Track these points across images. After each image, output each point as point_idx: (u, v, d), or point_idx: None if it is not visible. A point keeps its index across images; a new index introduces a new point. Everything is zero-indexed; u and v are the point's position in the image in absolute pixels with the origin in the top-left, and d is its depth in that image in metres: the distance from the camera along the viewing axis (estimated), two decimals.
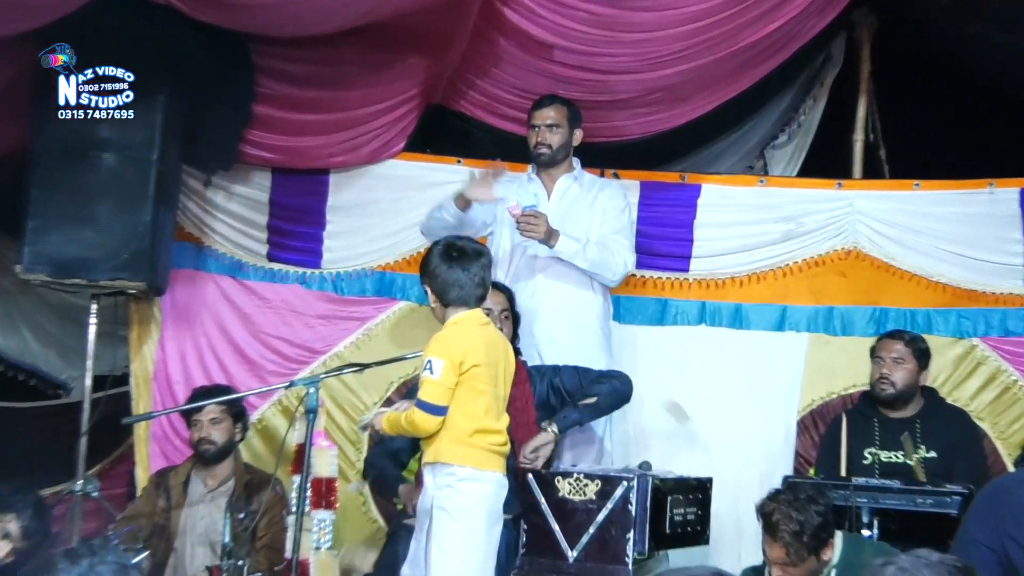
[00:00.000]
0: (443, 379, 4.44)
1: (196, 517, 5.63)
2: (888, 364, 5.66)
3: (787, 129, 6.99)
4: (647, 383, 6.25)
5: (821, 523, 4.48)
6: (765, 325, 6.31)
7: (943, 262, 6.20)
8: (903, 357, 5.66)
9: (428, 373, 4.46)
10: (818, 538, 4.48)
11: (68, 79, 5.52)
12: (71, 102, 5.54)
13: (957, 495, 4.98)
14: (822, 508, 4.50)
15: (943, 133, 6.78)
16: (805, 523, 4.45)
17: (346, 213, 6.48)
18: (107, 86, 5.57)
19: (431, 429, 4.46)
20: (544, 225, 5.61)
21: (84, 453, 5.84)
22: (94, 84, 5.56)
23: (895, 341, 5.71)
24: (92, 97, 5.56)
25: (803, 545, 4.46)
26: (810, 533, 4.46)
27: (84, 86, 5.52)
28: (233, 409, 5.71)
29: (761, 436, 6.17)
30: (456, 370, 4.45)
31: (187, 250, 6.43)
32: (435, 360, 4.45)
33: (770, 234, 6.34)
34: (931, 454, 5.57)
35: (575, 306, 5.84)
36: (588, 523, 4.82)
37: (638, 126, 6.51)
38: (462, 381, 4.48)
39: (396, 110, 6.29)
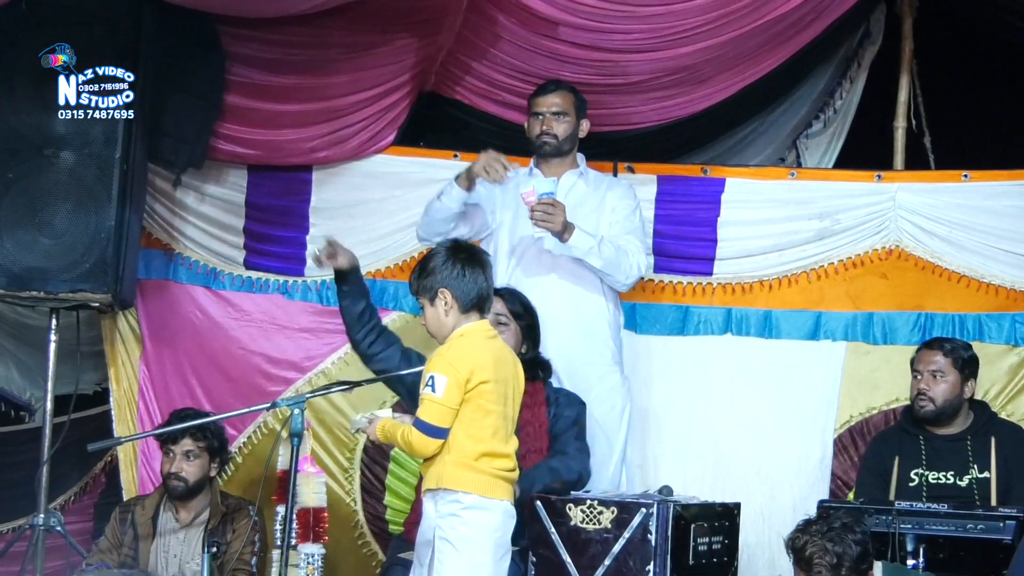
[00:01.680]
0: (446, 398, 4.45)
1: (169, 553, 5.67)
2: (926, 378, 5.65)
3: (822, 115, 6.97)
4: (667, 399, 6.33)
5: (860, 553, 4.49)
6: (798, 334, 6.32)
7: (995, 261, 6.21)
8: (942, 369, 5.63)
9: (429, 391, 4.46)
10: (857, 571, 4.49)
11: (68, 79, 5.64)
12: (71, 102, 5.65)
13: (1011, 519, 4.99)
14: (860, 537, 4.51)
15: (994, 118, 6.80)
16: (843, 555, 4.46)
17: (331, 215, 6.49)
18: (107, 86, 5.66)
19: (428, 452, 4.48)
20: (562, 215, 5.63)
21: (46, 484, 5.86)
22: (94, 84, 5.66)
23: (933, 351, 5.68)
24: (92, 97, 5.65)
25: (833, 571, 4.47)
26: (848, 566, 4.47)
27: (84, 86, 5.64)
28: (210, 443, 5.73)
29: (794, 457, 6.19)
30: (461, 388, 4.45)
31: (155, 258, 6.45)
32: (438, 377, 4.45)
33: (803, 232, 6.35)
34: (984, 475, 5.57)
35: (585, 313, 5.87)
36: (603, 555, 4.85)
37: (654, 112, 6.52)
38: (469, 399, 4.47)
39: (384, 98, 6.31)
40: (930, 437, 5.69)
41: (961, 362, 5.65)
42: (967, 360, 5.67)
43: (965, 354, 5.68)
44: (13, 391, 6.79)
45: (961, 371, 5.65)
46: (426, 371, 4.52)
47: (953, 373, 5.64)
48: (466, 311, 4.57)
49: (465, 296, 4.56)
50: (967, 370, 5.66)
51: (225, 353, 6.49)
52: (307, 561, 5.03)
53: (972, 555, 5.02)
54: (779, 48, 6.37)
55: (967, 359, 5.67)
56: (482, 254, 4.69)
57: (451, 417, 4.45)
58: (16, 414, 6.81)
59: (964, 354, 5.68)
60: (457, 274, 4.57)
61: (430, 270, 4.62)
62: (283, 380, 6.47)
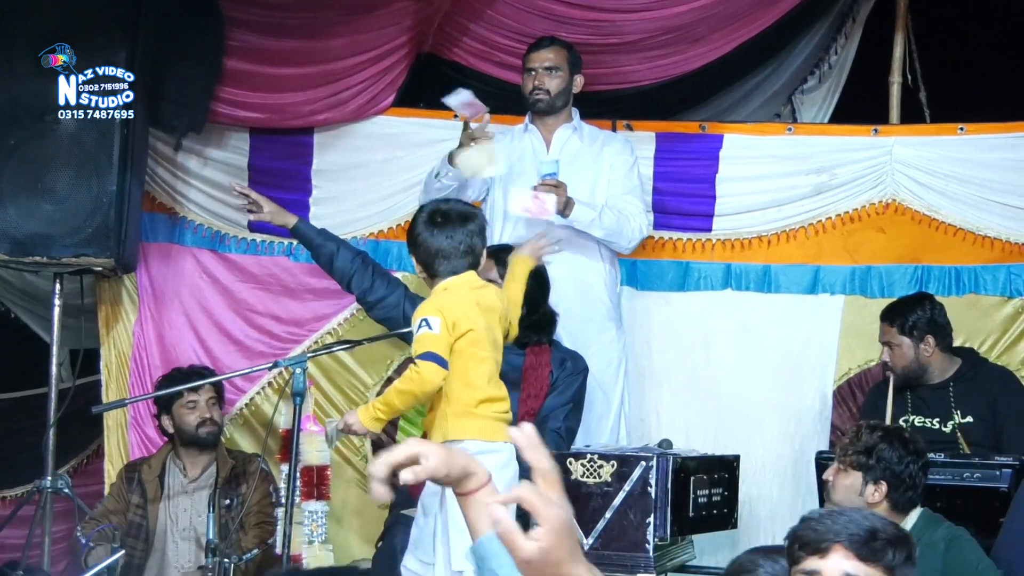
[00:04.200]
0: (443, 334, 4.44)
1: (178, 510, 5.66)
2: (884, 350, 5.71)
3: (817, 71, 6.90)
4: (667, 354, 6.30)
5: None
6: (796, 288, 6.27)
7: (991, 214, 6.14)
8: (893, 339, 5.67)
9: (426, 329, 4.45)
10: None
11: (68, 79, 5.62)
12: (71, 102, 5.63)
13: (1008, 467, 4.97)
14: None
15: (990, 72, 6.71)
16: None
17: (333, 177, 6.45)
18: (107, 86, 5.63)
19: (438, 381, 4.44)
20: (564, 195, 5.58)
21: (52, 447, 5.84)
22: (94, 84, 5.63)
23: (883, 323, 5.72)
24: (92, 97, 5.62)
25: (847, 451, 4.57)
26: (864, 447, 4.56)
27: (84, 86, 5.61)
28: (221, 395, 5.83)
29: (793, 409, 6.16)
30: (451, 330, 4.44)
31: (159, 222, 6.41)
32: (431, 318, 4.45)
33: (800, 188, 6.29)
34: (967, 420, 5.56)
35: (580, 273, 5.83)
36: (604, 508, 4.84)
37: (651, 71, 6.46)
38: (460, 349, 4.48)
39: (383, 60, 6.26)
40: (915, 386, 5.69)
41: (907, 328, 5.64)
42: (913, 324, 5.64)
43: (910, 319, 5.65)
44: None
45: (909, 335, 5.64)
46: (415, 318, 4.49)
47: (903, 340, 5.64)
48: (435, 277, 4.59)
49: (429, 266, 4.60)
50: (915, 332, 5.64)
51: (232, 316, 6.47)
52: (311, 518, 5.03)
53: (969, 503, 5.01)
54: (774, 6, 6.31)
55: (913, 323, 5.65)
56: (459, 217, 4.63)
57: (448, 351, 4.43)
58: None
59: (910, 319, 5.65)
60: (424, 243, 4.59)
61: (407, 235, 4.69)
62: (291, 340, 6.44)
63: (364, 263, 5.79)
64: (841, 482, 4.54)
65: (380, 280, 5.74)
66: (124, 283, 6.38)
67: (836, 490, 4.56)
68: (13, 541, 5.97)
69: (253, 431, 6.33)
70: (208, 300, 6.47)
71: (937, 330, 5.66)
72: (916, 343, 5.64)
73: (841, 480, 4.55)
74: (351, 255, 5.79)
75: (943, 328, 5.69)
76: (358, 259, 5.78)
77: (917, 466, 4.54)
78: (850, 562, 2.62)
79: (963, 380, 5.65)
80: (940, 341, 5.66)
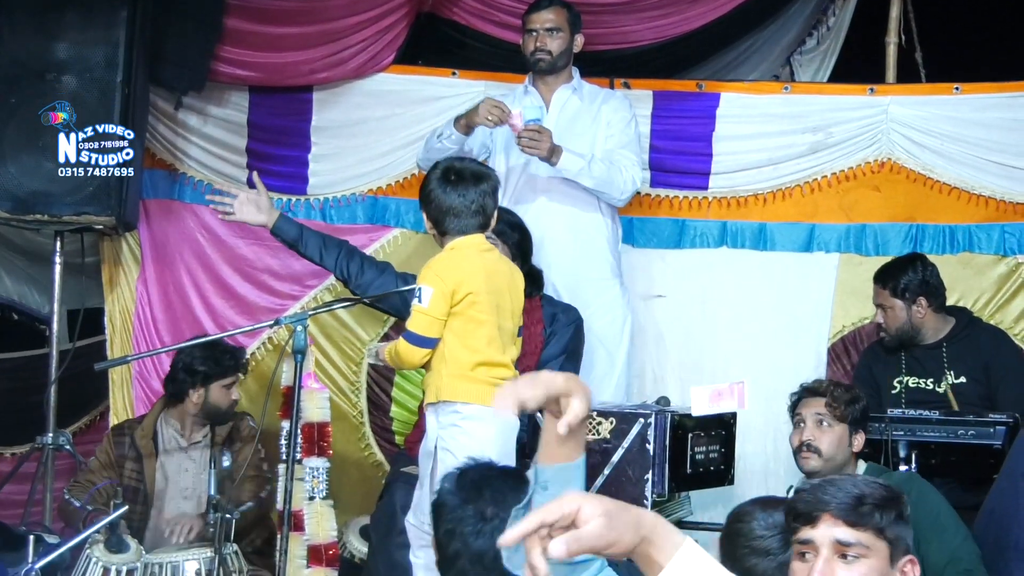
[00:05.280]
0: (431, 308, 4.46)
1: (179, 471, 5.64)
2: (879, 312, 5.70)
3: (815, 32, 6.89)
4: (664, 311, 6.30)
5: (862, 401, 4.84)
6: (792, 246, 6.27)
7: (986, 173, 6.13)
8: (885, 302, 5.66)
9: (417, 302, 4.49)
10: (857, 412, 4.77)
11: (68, 137, 5.59)
12: (71, 159, 5.60)
13: (1001, 425, 4.99)
14: (863, 399, 4.86)
15: (986, 32, 6.71)
16: (847, 392, 4.84)
17: (332, 134, 6.44)
18: (107, 143, 5.61)
19: (415, 361, 4.49)
20: (548, 141, 5.54)
21: (54, 404, 5.83)
22: (94, 142, 5.61)
23: (876, 285, 5.72)
24: (92, 155, 5.60)
25: (843, 404, 4.73)
26: (851, 398, 4.78)
27: (84, 144, 5.60)
28: None
29: (789, 366, 6.12)
30: (447, 299, 4.46)
31: (160, 179, 6.40)
32: (424, 288, 4.48)
33: (796, 146, 6.27)
34: (960, 380, 5.57)
35: (581, 230, 5.81)
36: (603, 464, 4.85)
37: (649, 31, 6.45)
38: (459, 311, 4.49)
39: (383, 20, 6.23)
40: (909, 347, 5.68)
41: (899, 290, 5.63)
42: (905, 286, 5.63)
43: (902, 281, 5.64)
44: (30, 305, 6.77)
45: (902, 297, 5.63)
46: (417, 283, 4.51)
47: (895, 302, 5.64)
48: (444, 234, 4.61)
49: (439, 223, 4.61)
50: (907, 294, 5.62)
51: (231, 271, 6.47)
52: (312, 475, 5.02)
53: (963, 460, 5.05)
54: None
55: (904, 285, 5.63)
56: (473, 177, 4.63)
57: (437, 327, 4.46)
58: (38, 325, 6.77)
59: (901, 281, 5.64)
60: (436, 199, 4.60)
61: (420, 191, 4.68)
62: (290, 296, 6.45)
63: (350, 257, 5.53)
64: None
65: (372, 271, 5.59)
66: (126, 240, 6.37)
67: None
68: (16, 497, 5.98)
69: (252, 387, 6.33)
70: (208, 256, 6.47)
71: (929, 291, 5.65)
72: (908, 305, 5.63)
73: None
74: (334, 255, 5.52)
75: (936, 289, 5.68)
76: (343, 257, 5.52)
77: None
78: (839, 528, 2.70)
79: (957, 340, 5.65)
80: (933, 302, 5.65)
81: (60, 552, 4.73)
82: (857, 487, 2.74)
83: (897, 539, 2.73)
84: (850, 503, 2.71)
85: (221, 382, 5.64)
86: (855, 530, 2.69)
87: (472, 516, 3.04)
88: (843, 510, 2.71)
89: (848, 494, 2.72)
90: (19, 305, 6.77)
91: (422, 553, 4.62)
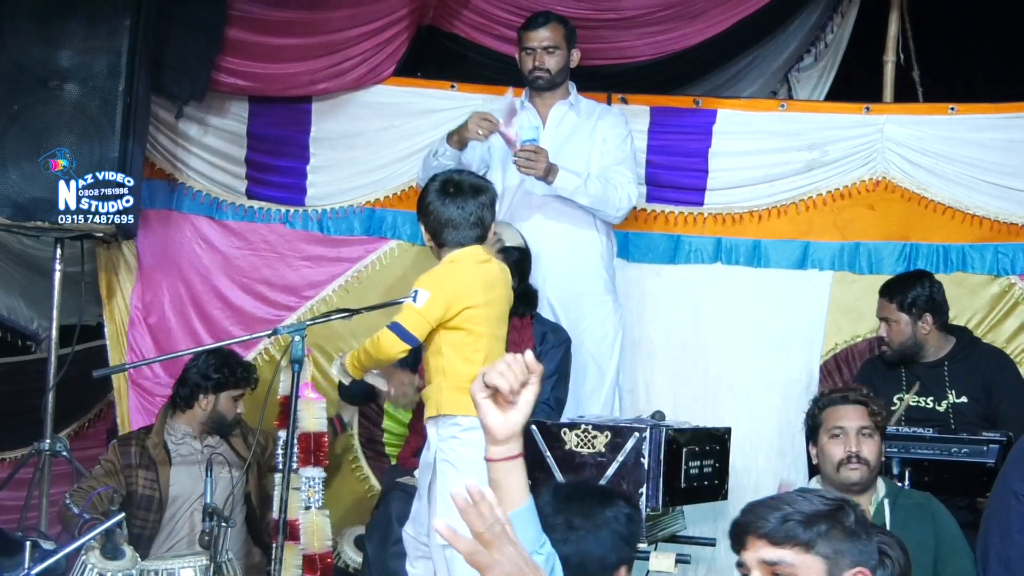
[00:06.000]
0: (424, 309, 4.45)
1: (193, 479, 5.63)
2: (882, 326, 5.70)
3: (813, 49, 6.90)
4: (658, 326, 6.30)
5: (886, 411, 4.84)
6: (786, 263, 6.28)
7: (980, 193, 6.15)
8: (891, 316, 5.66)
9: (410, 300, 4.48)
10: (883, 423, 4.76)
11: (68, 184, 5.60)
12: (71, 207, 5.61)
13: (994, 443, 5.00)
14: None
15: (982, 53, 6.72)
16: (877, 401, 4.79)
17: (331, 145, 6.44)
18: (107, 190, 5.62)
19: (392, 353, 4.48)
20: (544, 161, 5.54)
21: (51, 410, 5.82)
22: (94, 189, 5.61)
23: (881, 299, 5.72)
24: (92, 202, 5.60)
25: (880, 415, 4.70)
26: (881, 409, 4.75)
27: (84, 191, 5.61)
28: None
29: (782, 383, 6.17)
30: (442, 308, 4.45)
31: (159, 189, 6.41)
32: (421, 291, 4.47)
33: (792, 164, 6.28)
34: (962, 399, 5.58)
35: (577, 246, 5.82)
36: (598, 478, 4.82)
37: (647, 47, 6.46)
38: (458, 325, 4.48)
39: (384, 32, 6.24)
40: (910, 364, 5.69)
41: (906, 305, 5.64)
42: (913, 301, 5.65)
43: (910, 295, 5.65)
44: (19, 321, 6.75)
45: (908, 312, 5.64)
46: (416, 284, 4.50)
47: (902, 317, 5.64)
48: (442, 246, 4.61)
49: (437, 235, 4.61)
50: (915, 309, 5.64)
51: (228, 282, 6.47)
52: (308, 484, 5.02)
53: (957, 477, 5.05)
54: None
55: (912, 300, 5.65)
56: (471, 189, 4.63)
57: (425, 329, 4.46)
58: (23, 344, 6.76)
59: (909, 296, 5.65)
60: (434, 211, 4.61)
61: (418, 203, 4.67)
62: (285, 307, 6.45)
63: None
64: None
65: None
66: (123, 249, 6.37)
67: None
68: (12, 503, 5.97)
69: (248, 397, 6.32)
70: (206, 266, 6.47)
71: (935, 308, 5.66)
72: (914, 320, 5.64)
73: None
74: None
75: (941, 307, 5.69)
76: None
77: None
78: (764, 549, 2.74)
79: (958, 360, 5.66)
80: (937, 320, 5.66)
81: (56, 558, 4.72)
82: (786, 504, 2.76)
83: (837, 553, 2.73)
84: (772, 522, 2.74)
85: (231, 392, 5.68)
86: (779, 548, 2.72)
87: (562, 525, 3.39)
88: (765, 529, 2.74)
89: (770, 513, 2.75)
90: (7, 320, 6.74)
91: (419, 564, 4.63)
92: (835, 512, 2.76)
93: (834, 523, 2.75)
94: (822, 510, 2.75)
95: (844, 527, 2.76)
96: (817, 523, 2.73)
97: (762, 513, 2.75)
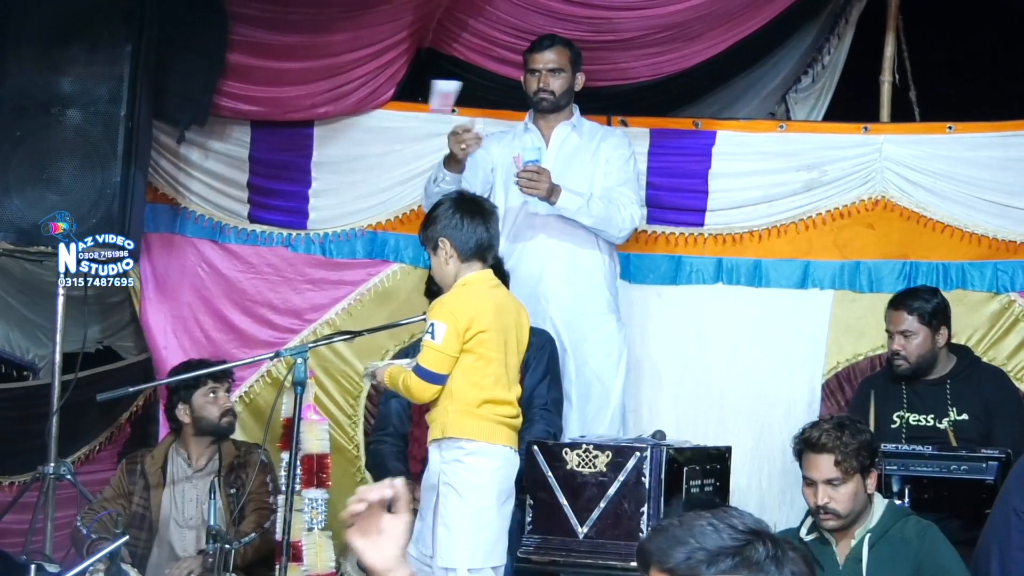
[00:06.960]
0: (444, 345, 4.45)
1: (184, 499, 5.65)
2: (898, 339, 5.63)
3: (810, 71, 6.90)
4: (660, 346, 6.30)
5: (868, 441, 4.65)
6: (786, 282, 6.28)
7: (979, 211, 6.15)
8: (910, 328, 5.60)
9: (429, 338, 4.49)
10: (866, 457, 4.61)
11: (68, 247, 5.58)
12: (71, 270, 5.59)
13: (994, 460, 4.99)
14: (868, 436, 4.69)
15: (979, 72, 6.73)
16: (853, 438, 4.62)
17: (333, 169, 6.46)
18: (107, 253, 5.61)
19: (426, 397, 4.49)
20: (546, 181, 5.57)
21: (55, 435, 5.81)
22: (95, 252, 5.61)
23: (899, 312, 5.64)
24: (92, 265, 5.59)
25: (853, 456, 4.57)
26: (858, 446, 4.59)
27: (84, 254, 5.59)
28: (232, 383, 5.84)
29: (783, 402, 6.17)
30: (460, 336, 4.46)
31: (161, 212, 6.43)
32: (438, 325, 4.47)
33: (791, 184, 6.30)
34: (963, 417, 5.56)
35: (580, 266, 5.83)
36: (599, 497, 4.85)
37: (647, 68, 6.48)
38: (469, 348, 4.49)
39: (383, 55, 6.27)
40: (911, 381, 5.68)
41: (927, 317, 5.61)
42: (932, 313, 5.62)
43: (929, 307, 5.62)
44: (14, 352, 6.76)
45: (928, 324, 5.61)
46: (428, 318, 4.51)
47: (922, 329, 5.60)
48: (466, 260, 4.58)
49: (464, 245, 4.59)
50: (934, 322, 5.61)
51: (231, 305, 6.48)
52: (311, 506, 5.02)
53: (956, 495, 5.05)
54: (768, 5, 6.32)
55: (932, 311, 5.62)
56: (486, 205, 4.68)
57: (449, 364, 4.46)
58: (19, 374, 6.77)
59: (928, 307, 5.62)
60: (456, 224, 4.59)
61: (432, 219, 4.68)
62: (289, 331, 6.45)
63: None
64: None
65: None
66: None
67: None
68: (17, 527, 5.97)
69: (250, 419, 6.34)
70: (209, 290, 6.48)
71: (948, 322, 5.66)
72: (934, 333, 5.61)
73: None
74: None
75: (949, 322, 5.69)
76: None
77: (865, 434, 4.72)
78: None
79: (960, 378, 5.65)
80: (948, 334, 5.67)
81: None
82: (692, 538, 2.69)
83: None
84: (677, 558, 2.65)
85: (200, 391, 5.66)
86: None
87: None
88: (669, 565, 2.66)
89: (676, 548, 2.67)
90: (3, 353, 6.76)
91: None
92: (742, 548, 2.69)
93: (741, 559, 2.69)
94: (729, 546, 2.69)
95: (751, 563, 2.69)
96: (723, 559, 2.68)
97: (667, 546, 2.67)
